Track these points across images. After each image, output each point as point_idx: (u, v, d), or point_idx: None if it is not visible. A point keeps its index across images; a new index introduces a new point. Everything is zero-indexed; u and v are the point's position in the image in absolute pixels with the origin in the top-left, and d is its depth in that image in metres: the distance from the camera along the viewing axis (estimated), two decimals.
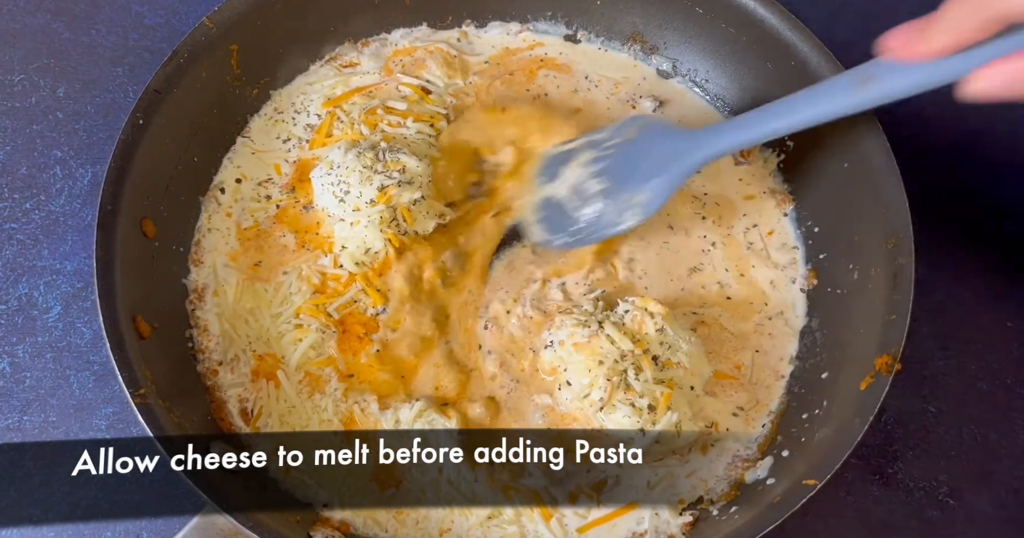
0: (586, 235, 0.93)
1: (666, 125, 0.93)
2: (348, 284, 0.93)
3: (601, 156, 0.93)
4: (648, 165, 0.90)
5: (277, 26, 0.99)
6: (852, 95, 0.77)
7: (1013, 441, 0.97)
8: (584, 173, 0.93)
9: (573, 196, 0.94)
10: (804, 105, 0.81)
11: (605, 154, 0.93)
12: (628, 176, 0.91)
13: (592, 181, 0.93)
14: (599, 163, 0.93)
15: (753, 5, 0.96)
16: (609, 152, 0.93)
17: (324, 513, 0.85)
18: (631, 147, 0.92)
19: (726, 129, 0.87)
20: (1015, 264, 1.06)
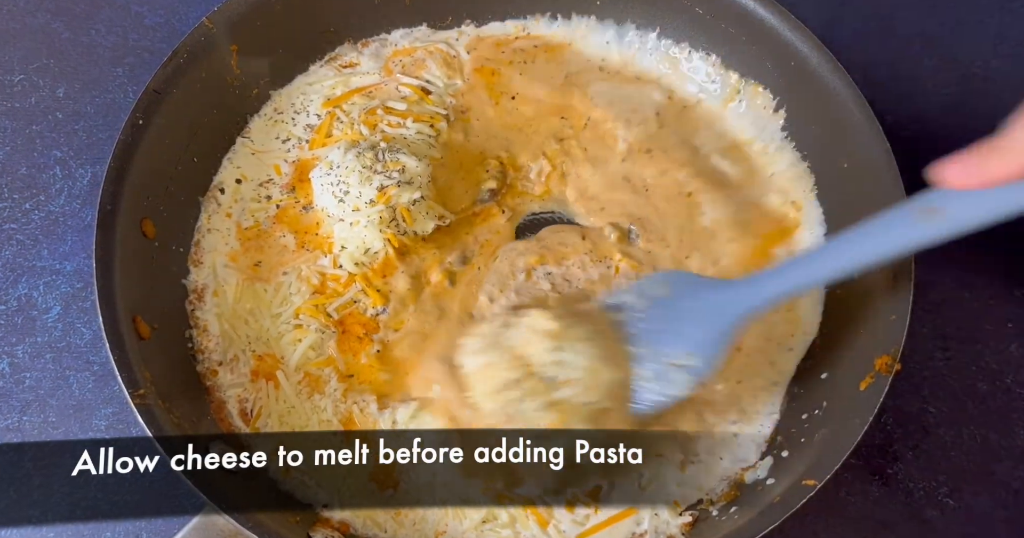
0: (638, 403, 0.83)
1: (698, 279, 0.85)
2: (348, 284, 0.93)
3: (632, 320, 0.84)
4: (687, 324, 0.81)
5: (277, 26, 0.99)
6: (916, 230, 0.68)
7: (1013, 441, 0.97)
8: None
9: None
10: (862, 245, 0.71)
11: (640, 317, 0.84)
12: (666, 338, 0.82)
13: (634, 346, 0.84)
14: (632, 327, 0.84)
15: (753, 5, 0.96)
16: (640, 315, 0.84)
17: (324, 513, 0.85)
18: (664, 306, 0.83)
19: (770, 278, 0.78)
20: (1015, 264, 1.06)
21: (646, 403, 0.82)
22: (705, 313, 0.80)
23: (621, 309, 0.85)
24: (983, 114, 1.15)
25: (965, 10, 1.17)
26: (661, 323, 0.83)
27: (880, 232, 0.70)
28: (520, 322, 0.83)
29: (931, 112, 1.13)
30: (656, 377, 0.81)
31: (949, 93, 1.14)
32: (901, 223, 0.68)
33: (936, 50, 1.15)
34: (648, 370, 0.82)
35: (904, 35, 1.15)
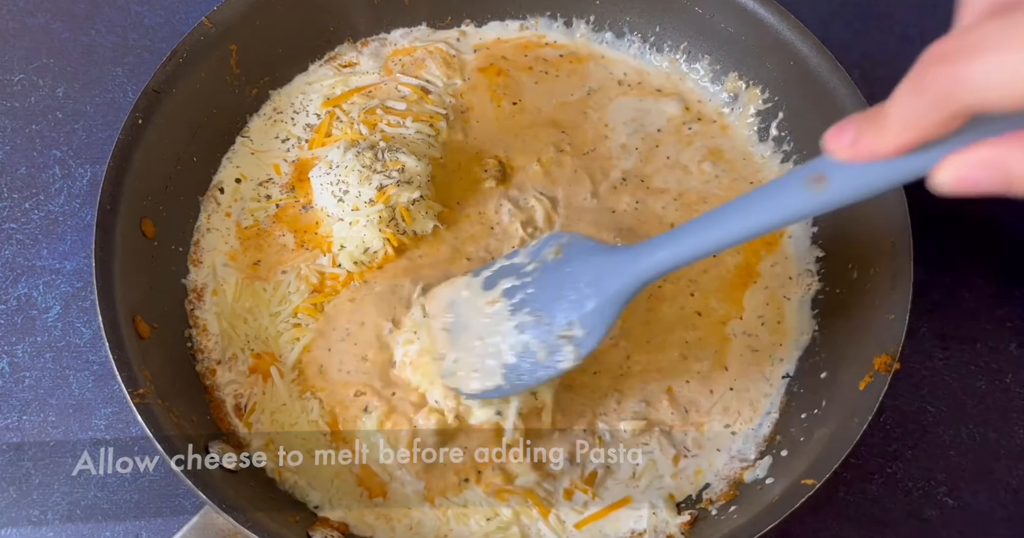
0: (515, 380, 0.79)
1: (591, 243, 0.78)
2: (346, 283, 0.93)
3: (520, 284, 0.80)
4: (575, 291, 0.76)
5: (276, 26, 0.99)
6: (802, 198, 0.62)
7: (1012, 441, 0.97)
8: (504, 306, 0.80)
9: (497, 336, 0.80)
10: (751, 211, 0.66)
11: (524, 282, 0.80)
12: (555, 306, 0.77)
13: (515, 315, 0.79)
14: (518, 293, 0.80)
15: (753, 5, 0.96)
16: (529, 279, 0.80)
17: (321, 513, 0.85)
18: (554, 272, 0.78)
19: (662, 243, 0.72)
20: (1015, 264, 1.06)
21: (531, 376, 0.78)
22: (593, 280, 0.75)
23: (516, 270, 0.81)
24: None
25: None
26: (548, 289, 0.78)
27: (769, 199, 0.65)
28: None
29: None
30: (544, 348, 0.77)
31: None
32: (790, 190, 0.63)
33: None
34: (535, 338, 0.78)
35: (904, 35, 1.15)
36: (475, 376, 0.81)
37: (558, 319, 0.76)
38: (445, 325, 0.84)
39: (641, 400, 0.91)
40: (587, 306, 0.74)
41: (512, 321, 0.79)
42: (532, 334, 0.78)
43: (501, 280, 0.82)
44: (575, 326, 0.75)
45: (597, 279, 0.74)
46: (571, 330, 0.75)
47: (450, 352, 0.83)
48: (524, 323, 0.78)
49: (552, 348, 0.77)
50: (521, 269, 0.81)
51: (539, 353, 0.77)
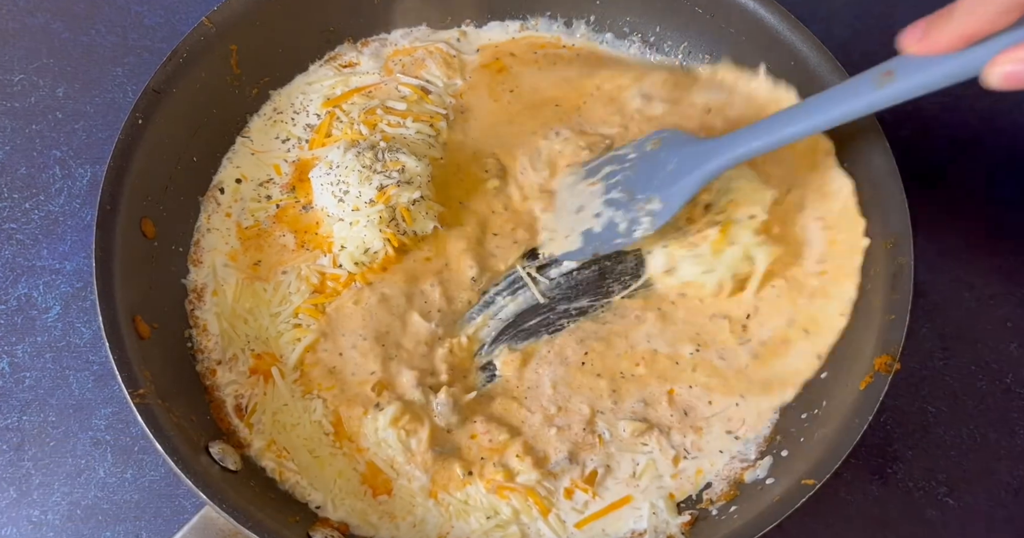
0: (598, 245, 0.94)
1: (686, 135, 0.91)
2: (347, 284, 0.93)
3: (619, 170, 0.94)
4: (664, 174, 0.88)
5: (276, 26, 0.99)
6: (872, 94, 0.75)
7: (1012, 441, 0.97)
8: (601, 187, 0.94)
9: (588, 210, 0.94)
10: (824, 106, 0.79)
11: (624, 167, 0.93)
12: (643, 186, 0.90)
13: (609, 193, 0.93)
14: (616, 176, 0.93)
15: (753, 5, 0.96)
16: (628, 164, 0.93)
17: (323, 513, 0.85)
18: (650, 159, 0.91)
19: (745, 135, 0.84)
20: (1014, 264, 1.06)
21: (611, 243, 0.92)
22: (679, 164, 0.88)
23: (620, 159, 0.94)
24: (983, 114, 1.15)
25: None
26: (642, 172, 0.91)
27: (845, 94, 0.78)
28: None
29: (931, 112, 1.13)
30: (626, 221, 0.91)
31: (949, 93, 1.14)
32: (863, 86, 0.76)
33: None
34: (620, 212, 0.91)
35: None
36: (565, 242, 0.96)
37: (643, 195, 0.90)
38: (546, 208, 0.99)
39: (640, 400, 0.91)
40: (669, 185, 0.88)
41: (604, 198, 0.93)
42: (620, 209, 0.91)
43: (605, 167, 0.95)
44: (655, 201, 0.89)
45: (682, 164, 0.87)
46: (651, 204, 0.89)
47: (550, 225, 0.97)
48: (615, 200, 0.92)
49: (633, 220, 0.90)
50: (624, 158, 0.94)
51: (621, 225, 0.91)
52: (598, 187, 0.95)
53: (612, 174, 0.94)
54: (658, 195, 0.88)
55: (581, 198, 0.96)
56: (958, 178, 1.10)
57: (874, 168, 0.90)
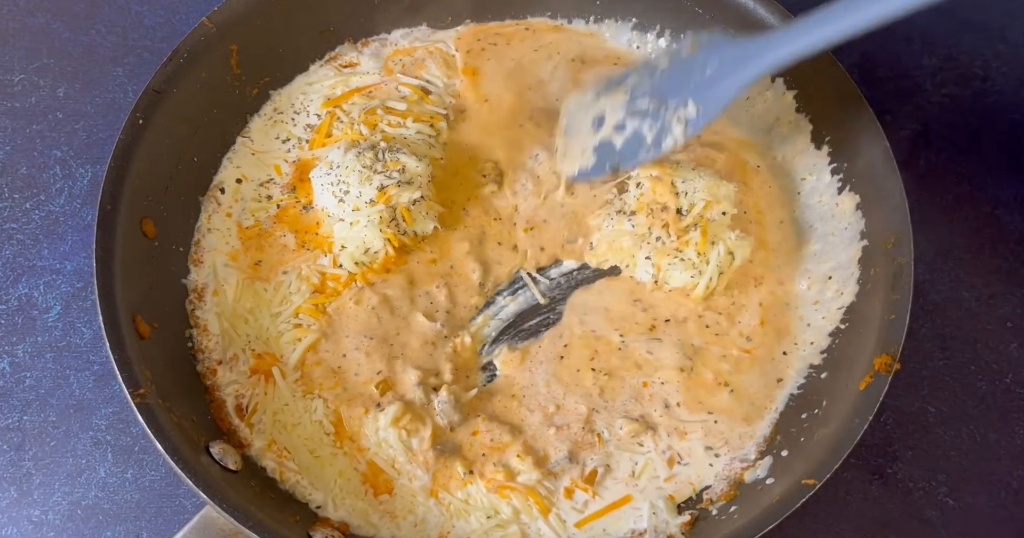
0: (619, 160, 0.88)
1: (727, 37, 0.81)
2: (347, 284, 0.93)
3: (647, 77, 0.86)
4: (701, 78, 0.81)
5: (277, 26, 0.99)
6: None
7: (1012, 441, 0.97)
8: (624, 97, 0.87)
9: (612, 122, 0.88)
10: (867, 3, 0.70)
11: (654, 75, 0.86)
12: (676, 91, 0.82)
13: (634, 102, 0.86)
14: (644, 83, 0.86)
15: (753, 5, 0.96)
16: (659, 73, 0.86)
17: (324, 513, 0.85)
18: (686, 63, 0.83)
19: (791, 33, 0.75)
20: (1015, 264, 1.06)
21: (639, 156, 0.86)
22: (719, 66, 0.80)
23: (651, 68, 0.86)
24: (983, 114, 1.15)
25: (965, 10, 1.17)
26: (675, 77, 0.83)
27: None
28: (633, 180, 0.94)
29: (931, 112, 1.13)
30: (654, 130, 0.84)
31: (949, 93, 1.14)
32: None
33: (936, 50, 1.15)
34: (648, 123, 0.85)
35: (904, 35, 1.15)
36: (580, 158, 0.90)
37: (675, 100, 0.82)
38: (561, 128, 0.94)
39: (630, 397, 0.91)
40: (707, 88, 0.80)
41: (628, 108, 0.86)
42: (647, 118, 0.85)
43: (630, 77, 0.88)
44: (690, 105, 0.81)
45: (722, 65, 0.79)
46: (685, 110, 0.82)
47: (562, 141, 0.93)
48: (641, 109, 0.85)
49: (662, 129, 0.83)
50: (654, 67, 0.86)
51: (648, 135, 0.85)
52: (621, 98, 0.87)
53: (639, 83, 0.86)
54: (692, 98, 0.81)
55: (598, 111, 0.89)
56: (958, 178, 1.10)
57: (874, 168, 0.90)
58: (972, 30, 1.17)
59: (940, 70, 1.15)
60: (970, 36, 1.16)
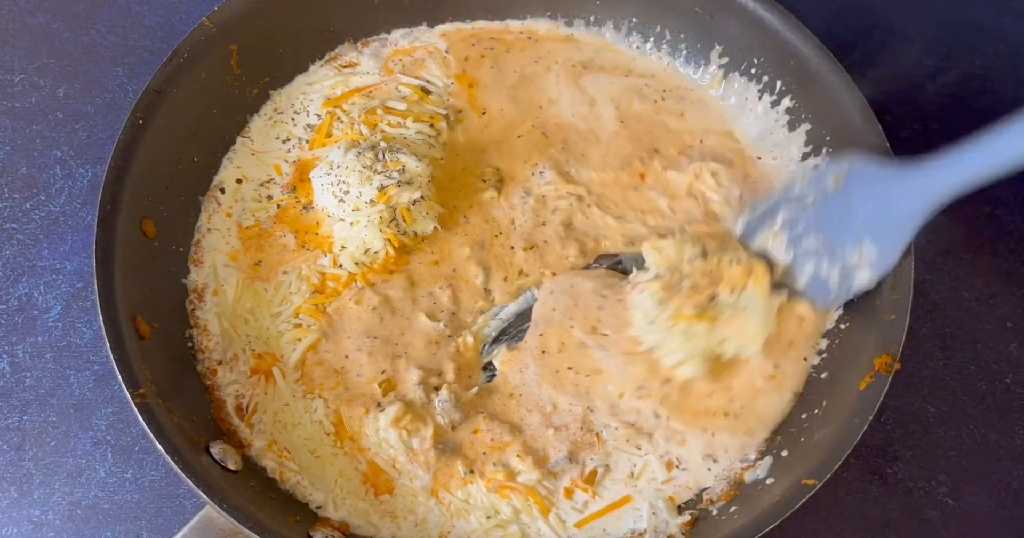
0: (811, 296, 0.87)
1: (873, 167, 0.79)
2: (347, 284, 0.93)
3: (801, 216, 0.86)
4: (863, 215, 0.78)
5: (277, 26, 0.99)
6: None
7: (1012, 441, 0.98)
8: (785, 238, 0.86)
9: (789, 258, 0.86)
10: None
11: (805, 212, 0.85)
12: (841, 231, 0.80)
13: (804, 240, 0.85)
14: (800, 222, 0.85)
15: (753, 5, 0.96)
16: (810, 207, 0.85)
17: (324, 513, 0.85)
18: (837, 198, 0.81)
19: (962, 155, 0.69)
20: (1015, 264, 1.06)
21: (826, 300, 0.86)
22: (885, 203, 0.75)
23: (794, 202, 0.84)
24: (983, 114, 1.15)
25: (965, 10, 1.17)
26: (835, 215, 0.79)
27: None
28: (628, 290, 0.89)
29: (931, 112, 1.13)
30: (837, 274, 0.82)
31: (949, 93, 1.15)
32: None
33: (936, 50, 1.15)
34: (826, 264, 0.82)
35: (904, 35, 1.15)
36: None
37: (849, 244, 0.80)
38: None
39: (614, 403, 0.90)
40: (879, 228, 0.76)
41: (795, 250, 0.85)
42: (823, 258, 0.83)
43: (779, 213, 0.86)
44: (868, 248, 0.78)
45: (886, 201, 0.75)
46: (864, 254, 0.78)
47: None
48: (810, 250, 0.84)
49: (845, 272, 0.82)
50: (800, 201, 0.83)
51: (832, 277, 0.83)
52: (782, 237, 0.86)
53: (794, 221, 0.84)
54: (867, 242, 0.78)
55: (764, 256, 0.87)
56: None
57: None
58: (972, 30, 1.17)
59: (940, 70, 1.15)
60: (970, 36, 1.17)
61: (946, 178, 0.71)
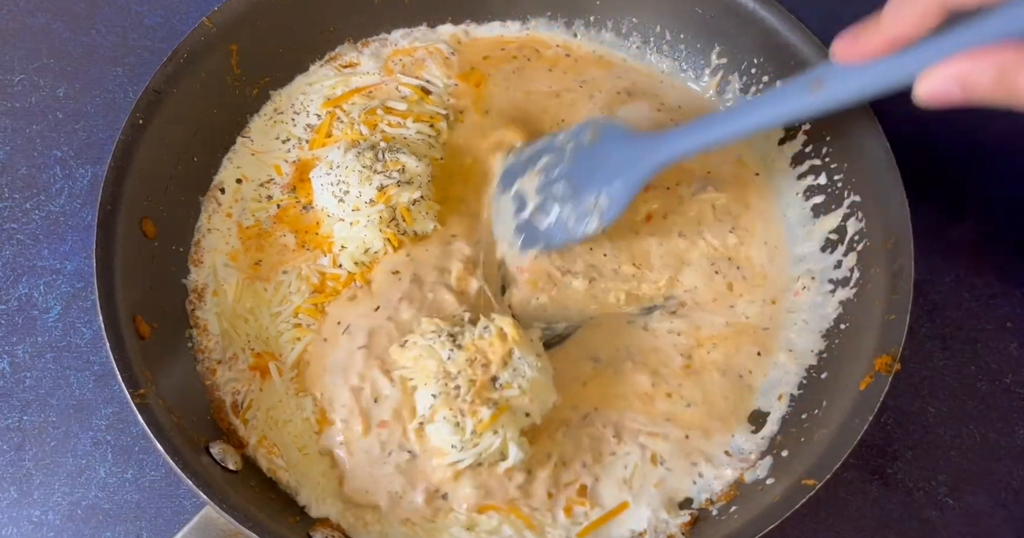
0: (548, 241, 0.93)
1: (624, 130, 0.92)
2: (347, 284, 0.93)
3: (559, 161, 0.93)
4: (607, 170, 0.90)
5: (277, 26, 0.99)
6: (803, 100, 0.77)
7: (1012, 440, 0.98)
8: (542, 179, 0.93)
9: (533, 204, 0.94)
10: (759, 109, 0.83)
11: (563, 159, 0.93)
12: (587, 181, 0.91)
13: (551, 187, 0.93)
14: (557, 168, 0.93)
15: (753, 5, 0.96)
16: (567, 156, 0.93)
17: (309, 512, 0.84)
18: (589, 152, 0.92)
19: (681, 134, 0.87)
20: (1015, 264, 1.06)
21: (563, 238, 0.92)
22: (624, 162, 0.89)
23: (556, 149, 0.94)
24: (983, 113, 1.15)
25: None
26: (585, 167, 0.91)
27: (776, 99, 0.81)
28: (488, 321, 0.85)
29: (931, 112, 1.13)
30: (574, 217, 0.91)
31: None
32: (793, 92, 0.78)
33: None
34: (569, 209, 0.91)
35: None
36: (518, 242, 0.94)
37: (589, 192, 0.90)
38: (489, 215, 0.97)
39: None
40: (615, 182, 0.89)
41: (546, 192, 0.93)
42: (567, 203, 0.91)
43: (543, 156, 0.94)
44: (602, 198, 0.90)
45: (624, 162, 0.89)
46: (599, 202, 0.90)
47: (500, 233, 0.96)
48: (558, 194, 0.92)
49: (580, 216, 0.91)
50: (561, 150, 0.93)
51: (570, 221, 0.91)
52: (538, 180, 0.94)
53: (551, 166, 0.93)
54: (604, 190, 0.90)
55: (518, 191, 0.95)
56: (958, 178, 1.10)
57: (874, 168, 0.90)
58: None
59: None
60: None
61: (671, 149, 0.87)
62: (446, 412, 0.81)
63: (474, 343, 0.82)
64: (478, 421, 0.80)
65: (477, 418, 0.80)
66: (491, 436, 0.81)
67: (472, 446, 0.81)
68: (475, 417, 0.80)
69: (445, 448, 0.82)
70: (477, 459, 0.82)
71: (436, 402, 0.81)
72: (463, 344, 0.82)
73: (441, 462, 0.82)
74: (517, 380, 0.82)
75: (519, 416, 0.83)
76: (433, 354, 0.82)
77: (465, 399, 0.80)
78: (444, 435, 0.81)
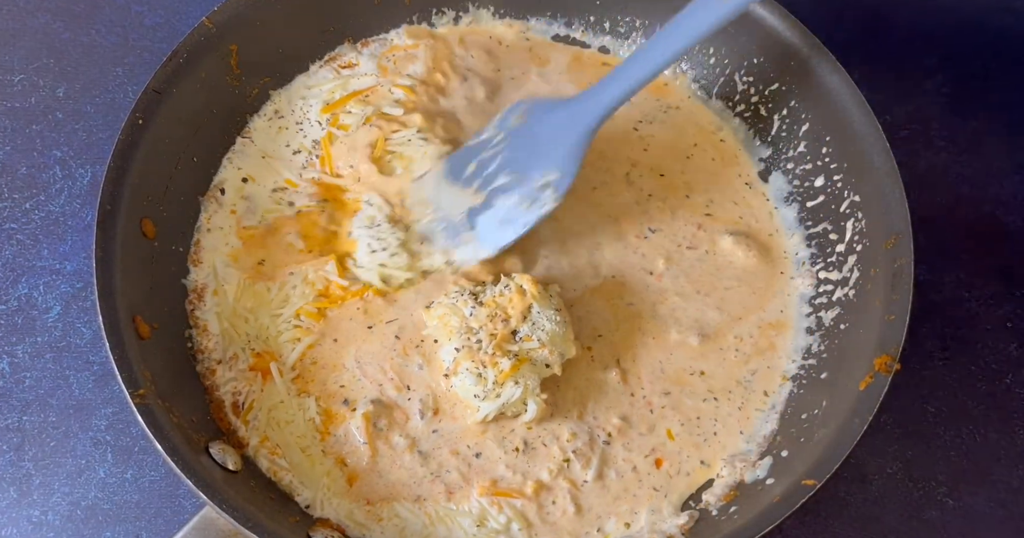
0: (514, 228, 0.91)
1: (547, 100, 0.91)
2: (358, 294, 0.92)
3: (492, 155, 0.92)
4: (545, 145, 0.89)
5: (277, 26, 0.99)
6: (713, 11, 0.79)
7: (1012, 441, 0.98)
8: (480, 179, 0.92)
9: (480, 203, 0.92)
10: (673, 36, 0.82)
11: (496, 152, 0.92)
12: (529, 163, 0.90)
13: (493, 180, 0.92)
14: (495, 160, 0.92)
15: (754, 6, 0.96)
16: (501, 146, 0.92)
17: (311, 512, 0.84)
18: (521, 133, 0.91)
19: (605, 84, 0.87)
20: (1015, 264, 1.06)
21: (526, 219, 0.90)
22: (559, 131, 0.88)
23: (488, 143, 0.92)
24: (983, 114, 1.15)
25: (965, 10, 1.17)
26: (522, 150, 0.90)
27: (687, 20, 0.81)
28: (508, 280, 0.88)
29: (931, 112, 1.13)
30: (527, 201, 0.90)
31: (949, 93, 1.15)
32: (701, 8, 0.80)
33: (936, 50, 1.15)
34: (517, 196, 0.90)
35: (904, 35, 1.15)
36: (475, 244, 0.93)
37: (534, 172, 0.89)
38: (432, 220, 0.94)
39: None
40: (558, 153, 0.88)
41: (489, 189, 0.91)
42: (515, 192, 0.90)
43: (470, 162, 0.93)
44: (550, 172, 0.88)
45: (560, 129, 0.88)
46: (547, 177, 0.89)
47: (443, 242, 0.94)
48: (505, 185, 0.91)
49: (534, 198, 0.89)
50: (491, 142, 0.92)
51: (522, 205, 0.90)
52: (476, 180, 0.92)
53: (485, 163, 0.92)
54: (550, 167, 0.88)
55: (460, 201, 0.93)
56: (958, 178, 1.10)
57: (874, 168, 0.90)
58: (972, 30, 1.17)
59: (940, 70, 1.15)
60: (970, 36, 1.17)
61: (600, 101, 0.86)
62: (468, 364, 0.85)
63: (495, 299, 0.87)
64: (499, 371, 0.84)
65: (498, 368, 0.84)
66: (512, 386, 0.84)
67: (495, 396, 0.85)
68: (496, 367, 0.84)
69: (470, 399, 0.86)
70: (500, 409, 0.85)
71: (459, 355, 0.86)
72: (484, 301, 0.87)
73: (473, 419, 0.86)
74: (536, 333, 0.85)
75: (539, 366, 0.86)
76: (456, 311, 0.87)
77: (487, 351, 0.85)
78: (468, 385, 0.85)
